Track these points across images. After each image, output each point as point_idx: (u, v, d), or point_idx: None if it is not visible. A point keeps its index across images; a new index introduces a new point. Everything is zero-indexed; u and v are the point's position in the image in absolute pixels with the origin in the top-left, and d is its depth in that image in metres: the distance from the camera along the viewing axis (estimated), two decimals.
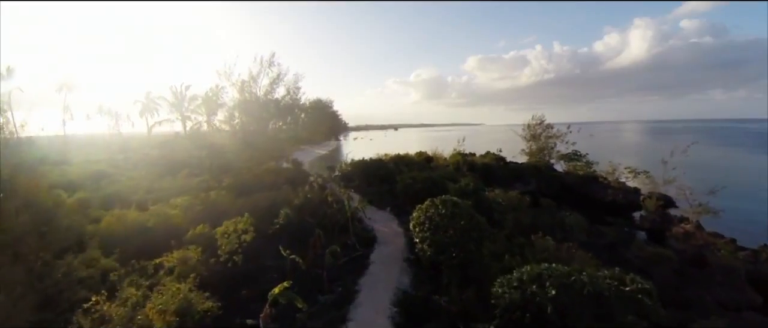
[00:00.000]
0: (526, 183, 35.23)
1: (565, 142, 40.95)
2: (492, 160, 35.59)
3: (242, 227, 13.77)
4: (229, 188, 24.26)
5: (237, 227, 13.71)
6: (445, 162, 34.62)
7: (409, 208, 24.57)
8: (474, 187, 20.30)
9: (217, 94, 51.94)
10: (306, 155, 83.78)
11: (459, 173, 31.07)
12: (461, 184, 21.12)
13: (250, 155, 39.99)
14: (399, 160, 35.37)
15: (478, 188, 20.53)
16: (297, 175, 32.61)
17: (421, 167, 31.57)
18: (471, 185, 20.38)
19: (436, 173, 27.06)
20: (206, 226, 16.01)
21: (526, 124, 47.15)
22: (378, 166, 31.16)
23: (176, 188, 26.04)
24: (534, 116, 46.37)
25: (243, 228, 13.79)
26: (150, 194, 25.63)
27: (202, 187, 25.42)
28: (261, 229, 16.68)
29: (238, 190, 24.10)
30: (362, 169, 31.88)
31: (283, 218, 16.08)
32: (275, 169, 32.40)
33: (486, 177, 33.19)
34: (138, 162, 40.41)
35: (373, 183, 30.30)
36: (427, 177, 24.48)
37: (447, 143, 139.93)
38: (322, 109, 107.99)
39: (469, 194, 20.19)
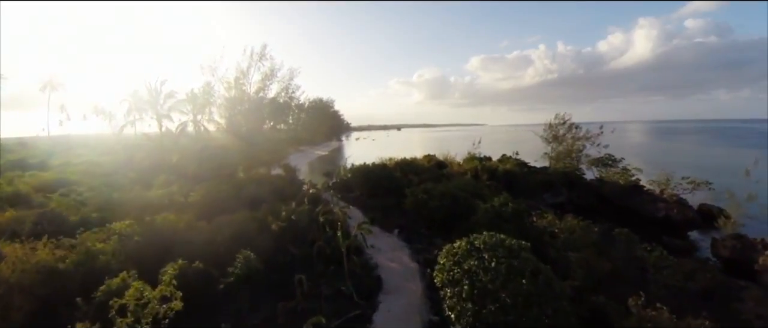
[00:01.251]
0: (557, 193, 29.62)
1: (596, 144, 35.25)
2: (514, 166, 30.09)
3: (164, 292, 8.27)
4: (192, 206, 18.82)
5: (156, 293, 8.21)
6: (460, 168, 29.12)
7: (424, 231, 19.15)
8: (515, 209, 14.71)
9: (209, 91, 46.81)
10: (304, 157, 78.42)
11: (479, 183, 25.52)
12: (494, 203, 15.54)
13: (237, 160, 34.54)
14: (406, 166, 29.84)
15: (521, 210, 14.93)
16: (287, 184, 27.14)
17: (434, 176, 26.06)
18: (509, 206, 14.80)
19: (453, 184, 21.50)
20: (131, 276, 10.55)
21: (548, 124, 41.48)
22: (382, 173, 25.65)
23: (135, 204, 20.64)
24: (557, 115, 40.72)
25: (166, 292, 8.30)
26: (101, 212, 20.24)
27: (162, 203, 19.96)
28: (211, 280, 11.20)
29: (204, 208, 18.66)
30: (363, 176, 26.40)
31: (241, 267, 10.52)
32: (261, 177, 26.94)
33: (509, 186, 27.62)
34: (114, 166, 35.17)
35: (376, 194, 24.84)
36: (445, 191, 18.92)
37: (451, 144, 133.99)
38: (322, 109, 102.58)
39: (507, 218, 14.63)
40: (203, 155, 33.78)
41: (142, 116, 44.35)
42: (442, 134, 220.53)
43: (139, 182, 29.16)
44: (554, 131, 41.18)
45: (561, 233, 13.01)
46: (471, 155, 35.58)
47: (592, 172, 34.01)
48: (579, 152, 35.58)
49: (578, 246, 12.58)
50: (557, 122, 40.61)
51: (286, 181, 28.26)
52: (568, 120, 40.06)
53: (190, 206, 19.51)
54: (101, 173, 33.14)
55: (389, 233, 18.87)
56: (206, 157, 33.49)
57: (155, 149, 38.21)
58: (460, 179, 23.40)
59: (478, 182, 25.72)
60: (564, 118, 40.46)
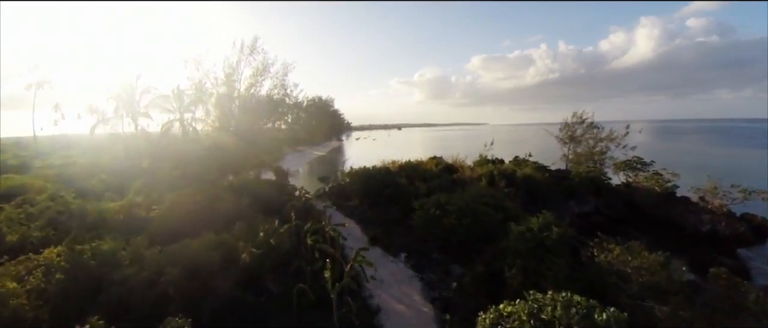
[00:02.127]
0: (582, 201, 25.87)
1: (621, 146, 31.46)
2: (533, 170, 26.37)
3: None
4: (152, 223, 15.13)
5: None
6: (472, 173, 25.41)
7: (437, 255, 15.47)
8: (561, 235, 10.97)
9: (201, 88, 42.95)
10: (302, 158, 74.85)
11: (497, 191, 21.77)
12: (532, 225, 11.81)
13: (223, 163, 30.84)
14: (411, 170, 26.09)
15: (568, 236, 11.20)
16: (276, 191, 23.42)
17: (444, 183, 22.30)
18: (554, 230, 11.06)
19: (470, 195, 17.74)
20: None
21: (564, 123, 37.71)
22: (384, 179, 21.91)
23: (87, 221, 16.97)
24: (575, 113, 36.93)
25: None
26: (47, 230, 16.62)
27: (116, 220, 16.24)
28: None
29: (167, 227, 14.98)
30: (363, 183, 22.66)
31: None
32: (245, 184, 23.21)
33: (530, 194, 23.90)
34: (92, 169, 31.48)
35: (378, 203, 21.14)
36: (463, 206, 15.17)
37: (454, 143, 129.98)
38: (321, 107, 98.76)
39: (552, 248, 10.89)
40: (184, 158, 30.11)
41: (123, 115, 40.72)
42: (444, 134, 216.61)
43: (114, 188, 25.54)
44: (571, 131, 37.43)
45: (636, 275, 9.31)
46: (482, 158, 31.82)
47: (618, 177, 30.25)
48: (602, 154, 31.82)
49: (662, 292, 8.84)
50: (575, 121, 36.82)
51: (275, 187, 24.55)
52: (587, 119, 36.27)
53: (151, 222, 15.81)
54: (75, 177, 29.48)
55: (394, 257, 15.15)
56: (188, 160, 29.81)
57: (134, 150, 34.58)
58: (476, 188, 19.68)
59: (496, 190, 21.97)
60: (582, 116, 36.69)
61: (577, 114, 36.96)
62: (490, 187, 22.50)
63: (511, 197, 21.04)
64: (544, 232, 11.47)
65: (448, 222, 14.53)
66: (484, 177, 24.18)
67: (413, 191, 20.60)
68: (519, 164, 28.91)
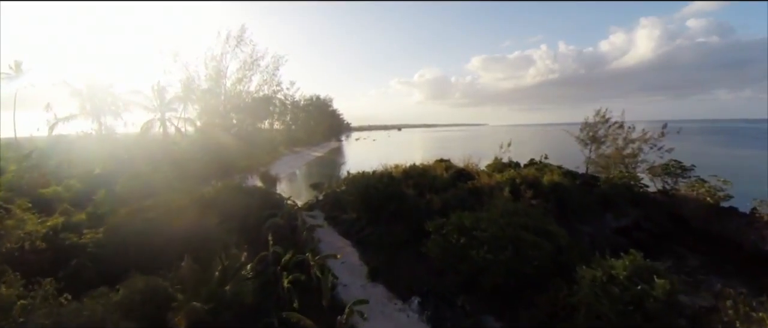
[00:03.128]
0: (620, 213, 21.76)
1: (656, 148, 27.33)
2: (559, 176, 22.33)
3: None
4: (79, 251, 11.01)
5: None
6: (490, 180, 21.28)
7: (463, 303, 11.29)
8: (669, 291, 6.85)
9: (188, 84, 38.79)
10: (299, 159, 70.66)
11: (524, 203, 17.68)
12: (616, 269, 7.69)
13: (203, 168, 26.77)
14: (418, 175, 21.94)
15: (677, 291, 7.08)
16: (258, 204, 19.26)
17: (461, 195, 18.15)
18: (661, 286, 6.94)
19: (498, 211, 13.64)
20: None
21: (585, 122, 33.66)
22: (387, 189, 17.75)
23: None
24: (598, 111, 32.86)
25: None
26: None
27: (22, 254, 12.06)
28: None
29: (103, 258, 10.87)
30: (363, 193, 18.50)
31: None
32: (218, 196, 19.06)
33: (561, 205, 19.82)
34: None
35: (379, 218, 17.06)
36: (500, 232, 11.05)
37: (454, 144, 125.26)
38: (320, 107, 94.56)
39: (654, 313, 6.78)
40: (156, 163, 25.97)
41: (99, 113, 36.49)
42: (444, 134, 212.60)
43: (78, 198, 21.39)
44: (593, 131, 33.36)
45: None
46: (497, 161, 27.72)
47: (654, 183, 26.15)
48: (634, 157, 27.70)
49: None
50: (598, 120, 32.73)
51: (257, 198, 20.40)
52: (611, 118, 32.18)
53: (81, 252, 11.67)
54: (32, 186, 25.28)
55: (402, 302, 11.02)
56: (161, 165, 25.67)
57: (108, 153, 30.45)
58: (502, 202, 15.56)
59: (520, 202, 17.88)
60: (606, 115, 32.62)
61: (600, 112, 32.89)
62: (515, 199, 18.38)
63: (547, 212, 16.96)
64: (639, 283, 7.37)
65: (478, 256, 10.41)
66: (505, 185, 20.06)
67: (424, 205, 16.50)
68: (541, 168, 24.77)
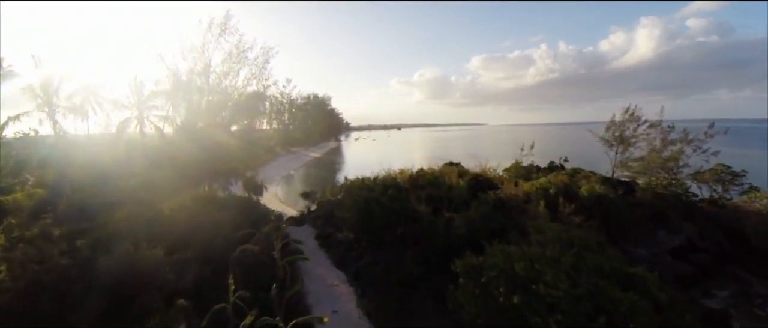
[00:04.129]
0: (672, 230, 17.83)
1: (700, 150, 23.40)
2: (597, 183, 18.39)
3: None
4: None
5: None
6: (516, 190, 17.30)
7: None
8: None
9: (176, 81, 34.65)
10: (295, 160, 66.64)
11: (564, 220, 13.78)
12: None
13: (177, 174, 22.83)
14: (429, 184, 17.96)
15: None
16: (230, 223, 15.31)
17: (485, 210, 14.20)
18: None
19: (550, 245, 9.71)
20: None
21: (611, 121, 29.83)
22: (394, 206, 13.78)
23: None
24: (627, 109, 28.94)
25: None
26: None
27: None
28: None
29: None
30: (362, 205, 14.54)
31: None
32: (174, 214, 15.10)
33: (605, 220, 15.89)
34: None
35: (383, 241, 13.16)
36: (573, 289, 7.09)
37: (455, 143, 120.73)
38: (318, 105, 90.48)
39: None
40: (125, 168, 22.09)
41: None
42: (444, 134, 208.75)
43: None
44: (620, 130, 29.49)
45: None
46: (517, 165, 23.82)
47: (701, 192, 22.25)
48: (675, 161, 23.77)
49: None
50: (626, 119, 28.85)
51: (233, 213, 16.45)
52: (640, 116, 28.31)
53: None
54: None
55: None
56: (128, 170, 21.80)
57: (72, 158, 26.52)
58: (546, 225, 11.65)
59: (561, 219, 14.01)
60: (633, 111, 28.73)
61: (630, 109, 28.97)
62: (554, 218, 14.46)
63: (594, 230, 13.07)
64: None
65: (541, 322, 6.48)
66: (536, 196, 16.14)
67: (442, 227, 12.56)
68: (571, 174, 20.81)
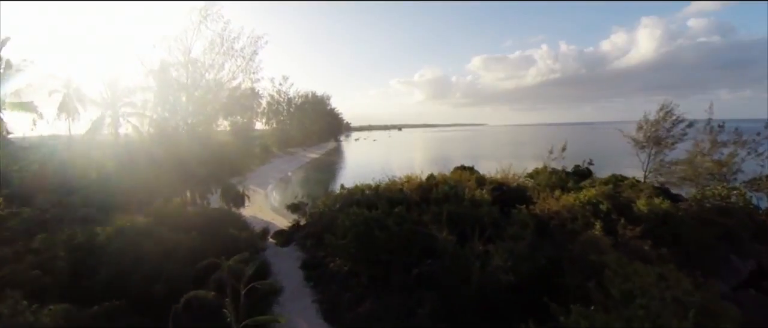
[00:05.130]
0: (745, 253, 14.22)
1: (756, 153, 19.85)
2: (650, 194, 14.83)
3: None
4: None
5: None
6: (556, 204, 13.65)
7: None
8: None
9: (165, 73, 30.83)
10: (292, 162, 62.88)
11: (624, 242, 10.19)
12: None
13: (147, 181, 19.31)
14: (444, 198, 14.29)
15: None
16: (186, 253, 11.72)
17: (525, 235, 10.65)
18: None
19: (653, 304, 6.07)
20: None
21: (643, 120, 26.37)
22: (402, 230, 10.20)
23: None
24: (663, 105, 25.40)
25: None
26: None
27: None
28: None
29: None
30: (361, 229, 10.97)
31: None
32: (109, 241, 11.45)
33: (675, 242, 12.24)
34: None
35: (390, 279, 9.60)
36: None
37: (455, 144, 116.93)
38: (316, 105, 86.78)
39: None
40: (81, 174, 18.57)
41: None
42: (445, 134, 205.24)
43: None
44: (652, 130, 25.96)
45: None
46: (544, 170, 20.24)
47: (758, 203, 18.67)
48: (728, 166, 20.18)
49: None
50: (661, 117, 25.34)
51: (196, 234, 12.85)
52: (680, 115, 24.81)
53: None
54: None
55: None
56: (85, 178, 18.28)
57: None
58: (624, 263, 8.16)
59: (623, 243, 10.45)
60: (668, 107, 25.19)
61: (665, 106, 25.39)
62: (611, 237, 10.87)
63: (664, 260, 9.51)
64: None
65: None
66: (584, 214, 12.54)
67: (475, 264, 8.94)
68: (614, 182, 17.15)
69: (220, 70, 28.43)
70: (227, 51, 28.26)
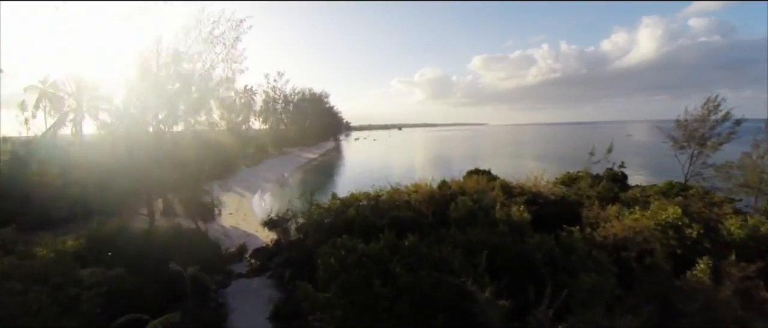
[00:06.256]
0: None
1: None
2: (730, 211, 11.38)
3: None
4: None
5: None
6: (622, 227, 10.01)
7: None
8: None
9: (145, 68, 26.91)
10: (288, 163, 59.02)
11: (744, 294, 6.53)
12: None
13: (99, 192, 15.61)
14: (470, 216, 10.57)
15: None
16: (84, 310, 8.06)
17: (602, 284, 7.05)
18: None
19: None
20: None
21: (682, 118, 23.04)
22: (417, 279, 6.52)
23: None
24: (708, 100, 21.88)
25: None
26: None
27: None
28: None
29: None
30: (354, 276, 7.34)
31: None
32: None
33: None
34: None
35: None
36: None
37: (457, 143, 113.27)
38: (314, 103, 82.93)
39: None
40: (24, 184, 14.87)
41: None
42: (446, 134, 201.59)
43: None
44: (692, 129, 22.50)
45: None
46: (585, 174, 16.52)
47: None
48: None
49: None
50: (706, 114, 21.84)
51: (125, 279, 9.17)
52: (728, 110, 21.38)
53: None
54: None
55: None
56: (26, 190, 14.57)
57: None
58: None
59: (731, 285, 6.84)
60: (716, 102, 21.67)
61: (711, 101, 21.80)
62: (717, 279, 7.24)
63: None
64: None
65: None
66: (666, 242, 8.87)
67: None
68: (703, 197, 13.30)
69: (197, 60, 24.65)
70: (207, 39, 24.47)
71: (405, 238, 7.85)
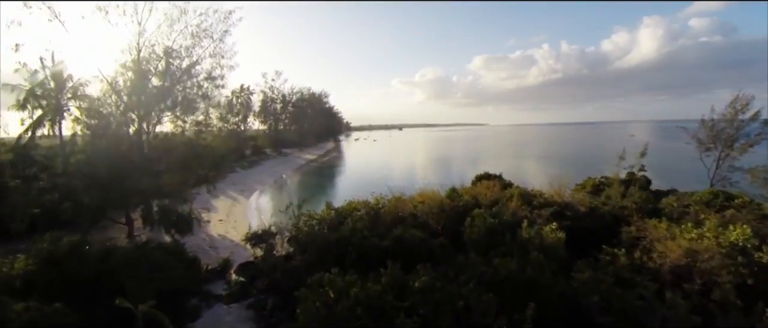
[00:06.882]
0: None
1: None
2: None
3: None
4: None
5: None
6: (672, 251, 8.21)
7: None
8: None
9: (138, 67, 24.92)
10: (285, 164, 57.07)
11: None
12: None
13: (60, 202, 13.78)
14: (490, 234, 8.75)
15: None
16: None
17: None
18: None
19: None
20: None
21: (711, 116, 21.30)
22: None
23: None
24: (737, 97, 20.09)
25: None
26: None
27: None
28: None
29: None
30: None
31: None
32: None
33: None
34: None
35: None
36: None
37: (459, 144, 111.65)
38: (313, 103, 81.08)
39: None
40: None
41: None
42: (447, 134, 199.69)
43: None
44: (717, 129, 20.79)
45: None
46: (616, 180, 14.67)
47: None
48: None
49: None
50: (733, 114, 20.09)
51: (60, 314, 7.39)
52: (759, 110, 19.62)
53: None
54: None
55: None
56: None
57: None
58: None
59: None
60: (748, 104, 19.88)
61: (739, 99, 19.99)
62: None
63: None
64: None
65: None
66: (735, 270, 7.07)
67: None
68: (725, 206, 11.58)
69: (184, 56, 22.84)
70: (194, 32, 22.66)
71: (413, 270, 6.04)
